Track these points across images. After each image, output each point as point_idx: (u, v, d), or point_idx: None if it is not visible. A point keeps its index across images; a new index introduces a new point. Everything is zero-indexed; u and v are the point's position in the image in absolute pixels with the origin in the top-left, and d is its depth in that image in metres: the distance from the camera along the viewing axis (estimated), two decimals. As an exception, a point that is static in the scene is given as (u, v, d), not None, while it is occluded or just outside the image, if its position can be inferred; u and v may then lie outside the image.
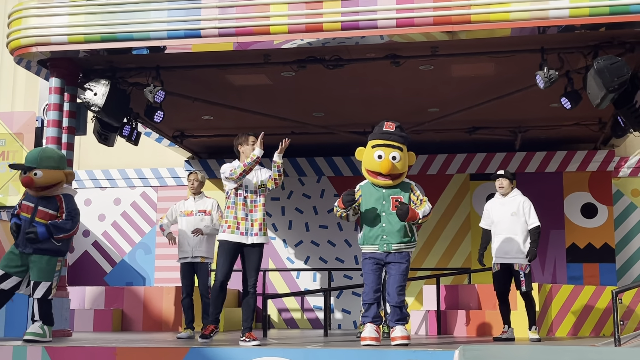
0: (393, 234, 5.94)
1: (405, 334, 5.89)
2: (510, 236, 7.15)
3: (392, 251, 5.95)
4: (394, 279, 5.96)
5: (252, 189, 6.31)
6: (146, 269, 12.30)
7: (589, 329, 8.57)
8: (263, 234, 6.26)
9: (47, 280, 6.36)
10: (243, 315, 6.28)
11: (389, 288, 6.02)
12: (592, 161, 11.33)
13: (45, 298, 6.36)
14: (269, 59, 7.85)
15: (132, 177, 12.52)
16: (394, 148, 6.02)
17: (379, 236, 5.98)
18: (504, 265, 7.18)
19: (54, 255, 6.41)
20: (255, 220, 6.23)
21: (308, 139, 11.22)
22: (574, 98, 7.82)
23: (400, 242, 5.95)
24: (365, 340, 5.87)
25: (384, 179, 6.03)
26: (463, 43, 7.43)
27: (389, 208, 5.96)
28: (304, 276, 11.68)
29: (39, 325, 6.33)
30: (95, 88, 7.74)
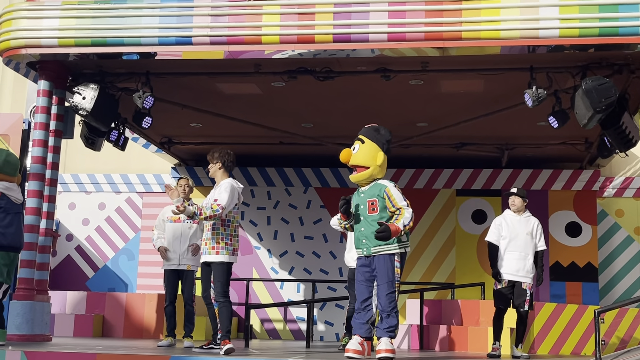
0: (371, 237, 5.84)
1: (389, 347, 5.76)
2: (524, 254, 7.13)
3: (372, 254, 5.87)
4: (381, 287, 5.84)
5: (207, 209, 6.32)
6: (129, 275, 12.22)
7: (570, 347, 8.60)
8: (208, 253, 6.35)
9: None
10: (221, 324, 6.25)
11: (377, 296, 5.90)
12: (577, 180, 11.41)
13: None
14: (259, 68, 7.86)
15: (118, 182, 12.46)
16: (358, 140, 6.07)
17: (359, 240, 5.94)
18: (511, 282, 7.18)
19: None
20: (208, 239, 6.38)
21: (296, 150, 11.22)
22: (562, 117, 7.87)
23: (378, 245, 5.81)
24: (348, 352, 5.81)
25: (354, 173, 6.02)
26: (453, 59, 7.47)
27: (366, 212, 5.90)
28: (287, 287, 11.65)
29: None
30: (84, 92, 7.70)
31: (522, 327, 7.22)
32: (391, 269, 5.82)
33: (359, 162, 5.98)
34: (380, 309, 5.88)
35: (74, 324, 9.65)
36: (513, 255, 7.13)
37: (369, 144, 6.00)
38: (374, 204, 5.89)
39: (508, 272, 7.13)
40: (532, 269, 7.15)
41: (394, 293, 5.84)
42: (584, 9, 6.78)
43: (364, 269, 5.94)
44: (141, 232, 12.20)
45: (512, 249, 7.15)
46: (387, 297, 5.80)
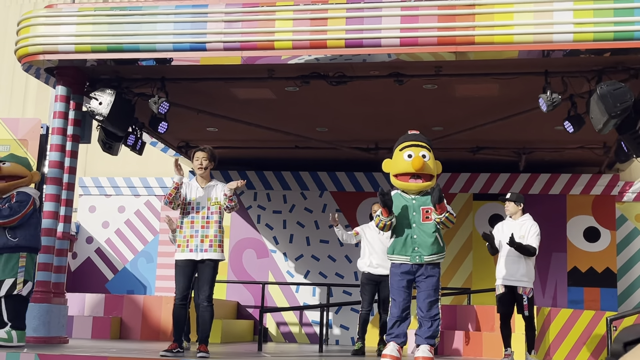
0: (425, 246, 5.75)
1: (428, 355, 5.64)
2: (515, 259, 7.10)
3: (424, 263, 5.78)
4: (425, 293, 5.75)
5: (204, 205, 6.26)
6: (147, 277, 12.33)
7: (587, 354, 8.51)
8: (214, 251, 6.17)
9: (9, 277, 6.38)
10: (198, 327, 6.25)
11: (419, 302, 5.82)
12: (596, 185, 11.30)
13: (10, 295, 6.37)
14: (273, 73, 7.90)
15: (137, 186, 12.58)
16: (422, 147, 5.96)
17: (411, 247, 5.79)
18: (508, 287, 7.15)
19: (13, 252, 6.44)
20: (206, 236, 6.17)
21: (311, 154, 11.25)
22: (577, 122, 7.81)
23: (432, 254, 5.76)
24: (385, 357, 5.77)
25: (414, 181, 5.86)
26: (467, 64, 7.44)
27: (420, 219, 5.78)
28: (303, 290, 11.68)
29: (4, 330, 6.35)
30: (101, 97, 7.80)
31: (530, 332, 7.18)
32: (438, 277, 5.82)
33: (429, 171, 5.88)
34: (422, 315, 5.77)
35: (92, 326, 9.76)
36: (507, 260, 7.13)
37: (432, 153, 6.00)
38: (429, 213, 5.84)
39: (503, 277, 7.13)
40: (527, 273, 7.10)
41: (438, 301, 5.82)
42: (599, 13, 6.72)
43: (408, 276, 5.81)
44: (160, 235, 12.31)
45: (504, 254, 7.16)
46: (431, 304, 5.74)
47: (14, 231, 6.50)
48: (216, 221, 6.21)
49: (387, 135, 10.26)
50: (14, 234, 6.48)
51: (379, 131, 10.12)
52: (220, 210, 6.25)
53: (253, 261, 11.82)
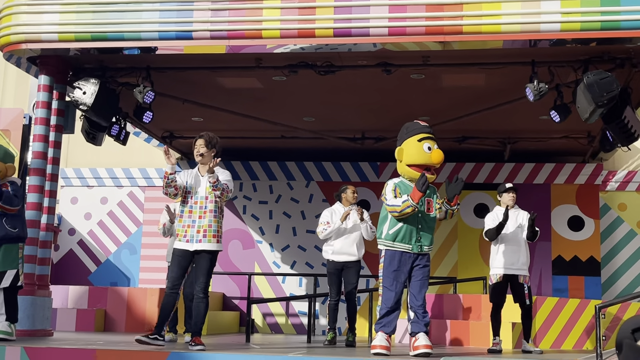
0: (427, 236, 5.94)
1: (428, 342, 5.74)
2: (516, 247, 7.12)
3: (423, 252, 5.92)
4: (421, 283, 5.90)
5: (202, 195, 6.16)
6: (131, 269, 12.23)
7: (572, 342, 8.58)
8: (208, 241, 6.07)
9: (12, 268, 6.32)
10: (192, 319, 6.20)
11: (413, 291, 5.91)
12: (580, 174, 11.38)
13: (14, 286, 6.31)
14: (260, 62, 7.84)
15: (120, 177, 12.46)
16: (434, 141, 6.03)
17: (413, 237, 5.89)
18: (507, 276, 7.15)
19: (14, 242, 6.38)
20: (201, 226, 6.08)
21: (298, 143, 11.21)
22: (563, 111, 7.84)
23: (430, 244, 5.97)
24: (375, 348, 5.78)
25: (429, 174, 5.97)
26: (454, 53, 7.44)
27: (425, 210, 5.93)
28: (289, 281, 11.65)
29: (7, 324, 6.29)
30: (85, 87, 7.69)
31: (528, 321, 7.20)
32: (428, 269, 5.99)
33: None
34: (417, 304, 5.87)
35: (76, 319, 9.67)
36: (507, 249, 7.12)
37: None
38: (430, 204, 5.97)
39: (502, 267, 7.12)
40: (527, 261, 7.16)
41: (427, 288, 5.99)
42: (586, 2, 6.74)
43: (406, 267, 5.91)
44: (143, 226, 12.21)
45: (505, 243, 7.15)
46: (424, 293, 5.93)
47: (13, 222, 6.42)
48: (211, 210, 6.11)
49: (373, 125, 10.27)
50: (13, 224, 6.41)
51: (366, 121, 10.10)
52: (217, 200, 6.14)
53: (239, 252, 11.77)
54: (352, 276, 7.60)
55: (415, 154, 5.97)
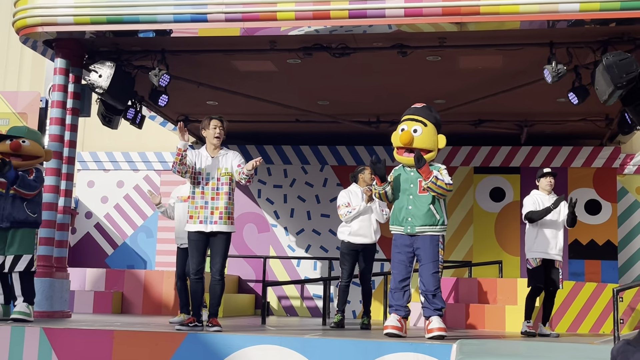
0: (418, 216, 5.87)
1: (442, 325, 5.77)
2: (555, 232, 7.11)
3: (416, 234, 5.87)
4: (426, 266, 5.86)
5: (214, 176, 6.14)
6: (147, 252, 12.31)
7: (589, 326, 8.55)
8: (224, 223, 6.08)
9: (28, 253, 6.38)
10: (210, 301, 6.23)
11: (421, 276, 5.91)
12: (597, 157, 11.28)
13: (28, 271, 6.38)
14: (275, 45, 7.81)
15: (136, 160, 12.51)
16: (418, 122, 5.98)
17: (404, 218, 5.91)
18: (545, 260, 7.11)
19: (32, 227, 6.44)
20: (216, 208, 6.07)
21: (312, 127, 11.19)
22: (582, 93, 7.75)
23: (424, 225, 5.86)
24: (387, 328, 5.82)
25: (407, 155, 5.93)
26: (471, 35, 7.37)
27: (417, 191, 5.91)
28: (304, 264, 11.68)
29: (25, 305, 6.36)
30: (100, 70, 7.71)
31: (550, 304, 7.20)
32: (436, 249, 5.88)
33: (423, 145, 5.92)
34: (424, 289, 5.88)
35: (93, 301, 9.76)
36: (547, 233, 7.08)
37: (431, 127, 5.99)
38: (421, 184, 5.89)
39: (541, 251, 7.07)
40: (562, 247, 7.15)
41: (439, 273, 5.90)
42: (605, -18, 6.63)
43: (406, 248, 5.92)
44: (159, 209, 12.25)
45: (545, 227, 7.11)
46: (433, 277, 5.85)
47: (33, 207, 6.49)
48: (226, 192, 6.10)
49: (388, 109, 10.21)
50: (33, 209, 6.48)
51: (381, 104, 10.05)
52: (230, 181, 6.14)
53: (254, 235, 11.81)
54: (368, 259, 7.55)
55: (394, 137, 6.09)
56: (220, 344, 5.46)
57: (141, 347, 5.57)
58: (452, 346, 4.74)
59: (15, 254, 6.36)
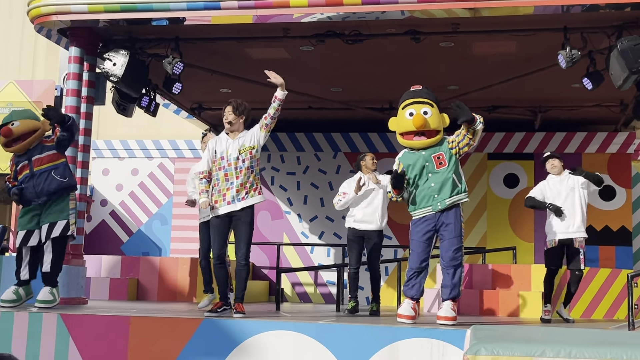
0: (443, 189, 5.85)
1: (450, 314, 5.75)
2: (571, 211, 7.05)
3: (445, 208, 5.84)
4: (449, 242, 5.82)
5: (235, 156, 6.15)
6: (162, 239, 12.40)
7: (603, 312, 8.54)
8: (252, 196, 6.13)
9: (62, 218, 6.42)
10: (236, 286, 6.28)
11: (442, 252, 5.89)
12: (612, 143, 11.22)
13: (63, 236, 6.41)
14: (288, 32, 7.81)
15: (150, 148, 12.59)
16: (424, 104, 5.97)
17: (430, 197, 5.88)
18: (562, 241, 7.09)
19: (65, 194, 6.48)
20: (241, 185, 6.11)
21: (325, 114, 11.19)
22: (596, 79, 7.71)
23: (451, 196, 5.85)
24: (400, 317, 5.83)
25: (419, 138, 5.93)
26: (485, 20, 7.33)
27: (434, 168, 5.89)
28: (318, 251, 11.73)
29: (49, 291, 6.42)
30: (115, 58, 7.75)
31: (574, 288, 7.15)
32: (460, 222, 5.88)
33: (435, 126, 5.93)
34: (445, 264, 5.84)
35: (109, 288, 9.85)
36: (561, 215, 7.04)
37: (436, 107, 6.01)
38: (441, 158, 5.92)
39: (558, 231, 7.05)
40: (582, 224, 7.06)
41: (462, 248, 5.88)
42: (621, -35, 6.58)
43: (428, 227, 5.89)
44: (174, 197, 12.35)
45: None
46: (456, 252, 5.82)
47: (62, 171, 6.51)
48: (248, 167, 6.15)
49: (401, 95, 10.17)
50: (62, 174, 6.51)
51: (394, 91, 9.95)
52: (251, 156, 6.16)
53: (268, 222, 11.86)
54: (374, 246, 7.50)
55: (400, 122, 6.05)
56: (235, 329, 5.52)
57: (157, 332, 5.64)
58: (466, 332, 4.77)
59: (50, 222, 6.40)
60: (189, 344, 5.55)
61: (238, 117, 6.27)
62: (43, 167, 6.45)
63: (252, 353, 5.43)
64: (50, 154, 6.53)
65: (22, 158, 6.54)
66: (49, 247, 6.41)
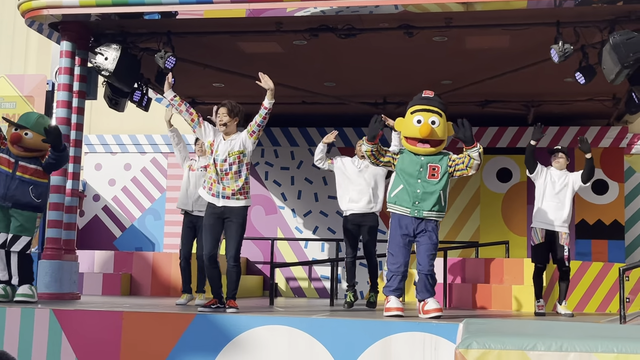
0: (427, 201, 5.93)
1: (438, 306, 5.90)
2: (560, 205, 7.20)
3: (423, 217, 5.93)
4: (426, 247, 5.97)
5: (223, 158, 6.16)
6: (155, 234, 12.38)
7: (595, 305, 8.57)
8: (237, 199, 6.12)
9: (28, 235, 6.46)
10: (227, 286, 6.27)
11: (420, 257, 6.01)
12: (604, 137, 11.24)
13: (24, 253, 6.48)
14: (281, 26, 7.79)
15: (143, 143, 12.55)
16: (433, 113, 5.99)
17: (412, 201, 5.95)
18: (548, 235, 7.16)
19: (34, 212, 6.52)
20: (228, 186, 6.12)
21: (319, 109, 11.17)
22: (589, 73, 7.72)
23: (432, 210, 5.94)
24: (390, 310, 5.89)
25: (423, 146, 5.96)
26: (478, 15, 7.32)
27: (426, 175, 5.95)
28: (312, 246, 11.73)
29: (27, 287, 6.44)
30: (106, 52, 7.72)
31: (564, 283, 7.26)
32: (436, 233, 6.04)
33: (438, 137, 5.97)
34: (422, 269, 5.99)
35: (102, 283, 9.84)
36: (549, 205, 7.19)
37: (444, 117, 6.03)
38: (436, 170, 5.97)
39: (544, 222, 7.17)
40: (568, 219, 7.22)
41: (435, 254, 6.05)
42: (613, -41, 6.58)
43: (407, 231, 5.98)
44: (167, 192, 12.32)
45: (549, 199, 7.20)
46: (430, 257, 6.00)
47: (38, 192, 6.55)
48: (236, 172, 6.14)
49: (395, 90, 10.19)
50: (38, 194, 6.54)
51: (387, 86, 10.03)
52: (239, 160, 6.16)
53: (262, 217, 11.85)
54: (370, 232, 7.50)
55: (407, 126, 6.07)
56: (229, 324, 5.51)
57: (150, 328, 5.63)
58: (458, 325, 4.78)
59: (15, 234, 6.45)
60: (182, 339, 5.54)
61: (232, 120, 6.29)
62: (25, 176, 6.49)
63: (246, 348, 5.43)
64: (37, 168, 6.54)
65: (13, 155, 6.53)
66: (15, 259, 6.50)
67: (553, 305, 8.20)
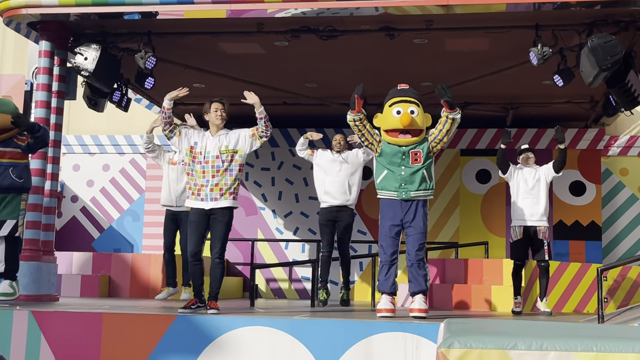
0: (413, 182, 6.00)
1: (423, 306, 5.89)
2: (535, 200, 7.32)
3: (411, 198, 5.98)
4: (416, 237, 5.98)
5: (214, 154, 6.16)
6: (134, 235, 12.29)
7: (573, 305, 8.67)
8: (225, 199, 6.10)
9: (12, 218, 6.38)
10: (210, 284, 6.26)
11: (408, 247, 6.02)
12: (582, 139, 11.37)
13: (12, 236, 6.39)
14: (262, 27, 7.78)
15: (122, 144, 12.46)
16: (411, 103, 6.05)
17: (398, 184, 6.01)
18: (527, 232, 7.25)
19: (18, 193, 6.44)
20: (216, 185, 6.09)
21: (300, 110, 11.18)
22: (567, 76, 7.81)
23: (418, 190, 6.00)
24: (380, 312, 5.90)
25: (404, 136, 6.02)
26: (458, 17, 7.39)
27: (409, 162, 6.02)
28: (292, 247, 11.72)
29: (8, 284, 6.39)
30: (86, 52, 7.66)
31: (544, 279, 7.35)
32: (425, 219, 6.03)
33: (418, 126, 6.05)
34: (412, 259, 5.96)
35: (80, 284, 9.75)
36: (525, 202, 7.31)
37: (421, 107, 6.10)
38: (418, 155, 6.04)
39: (521, 218, 7.29)
40: (545, 212, 7.34)
41: (425, 244, 6.02)
42: (591, -37, 6.67)
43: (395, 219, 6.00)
44: (146, 193, 12.25)
45: (523, 196, 7.33)
46: (420, 247, 5.98)
47: (19, 172, 6.48)
48: (227, 169, 6.13)
49: (376, 91, 10.12)
50: (19, 174, 6.47)
51: (369, 87, 9.89)
52: (232, 159, 6.14)
53: (242, 218, 11.81)
54: (345, 228, 7.67)
55: (387, 119, 6.14)
56: (210, 325, 5.49)
57: (130, 329, 5.60)
58: (439, 325, 4.80)
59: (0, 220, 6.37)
60: (162, 341, 5.52)
61: (226, 116, 6.34)
62: (3, 160, 6.44)
63: (227, 349, 5.42)
64: (14, 151, 6.50)
65: None
66: (2, 245, 6.40)
67: (533, 303, 8.29)
